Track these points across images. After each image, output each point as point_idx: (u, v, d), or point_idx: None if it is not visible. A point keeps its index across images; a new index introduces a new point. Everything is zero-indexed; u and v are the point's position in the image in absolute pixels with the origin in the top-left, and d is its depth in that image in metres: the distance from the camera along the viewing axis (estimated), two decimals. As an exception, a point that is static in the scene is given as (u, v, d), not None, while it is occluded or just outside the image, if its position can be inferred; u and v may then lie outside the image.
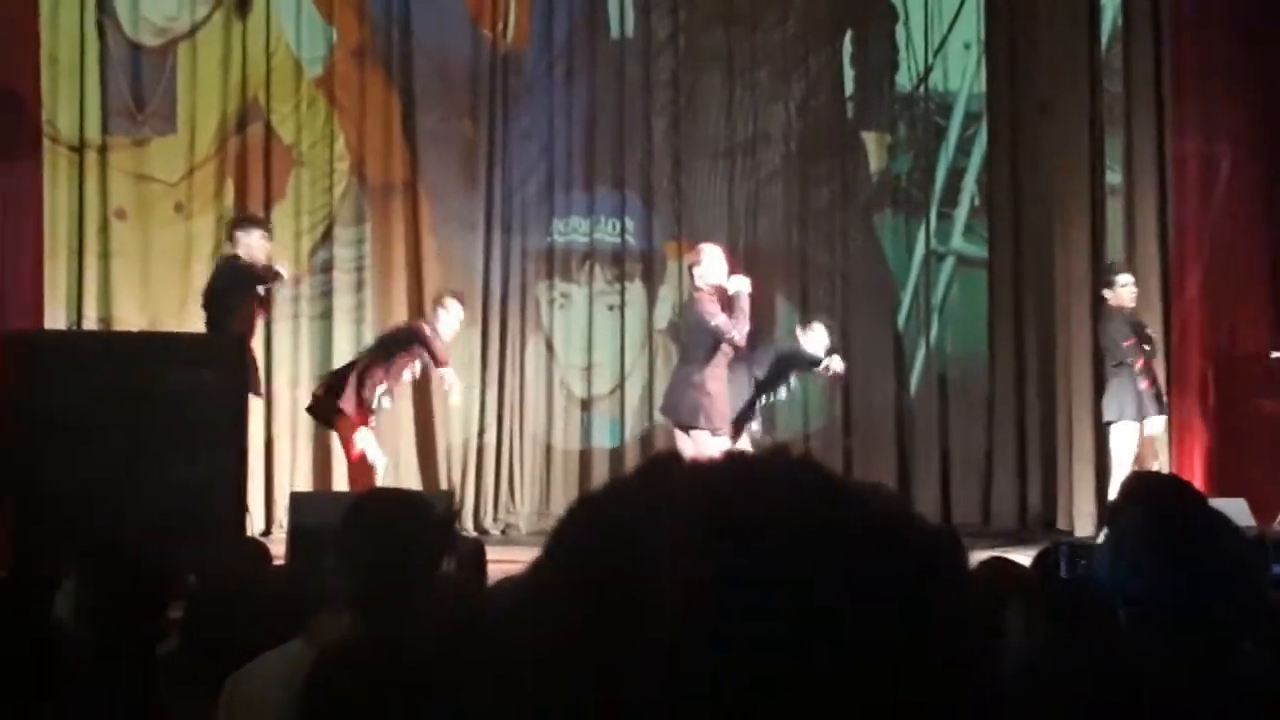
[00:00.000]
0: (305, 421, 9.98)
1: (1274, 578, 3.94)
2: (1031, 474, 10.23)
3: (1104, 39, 10.29)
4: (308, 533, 6.38)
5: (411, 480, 9.80)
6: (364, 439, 8.50)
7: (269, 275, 8.48)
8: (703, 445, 8.17)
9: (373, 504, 3.30)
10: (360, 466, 8.48)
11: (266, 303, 8.68)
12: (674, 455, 0.92)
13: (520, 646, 0.84)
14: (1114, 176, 10.10)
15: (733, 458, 0.89)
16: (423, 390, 10.15)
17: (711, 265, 8.36)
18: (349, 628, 3.17)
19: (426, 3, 10.44)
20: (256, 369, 8.65)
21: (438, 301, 8.97)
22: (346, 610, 3.18)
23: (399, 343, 8.71)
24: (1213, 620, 3.13)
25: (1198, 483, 8.70)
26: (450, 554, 4.17)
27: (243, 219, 9.12)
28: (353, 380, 8.50)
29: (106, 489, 6.76)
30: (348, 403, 8.45)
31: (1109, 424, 8.96)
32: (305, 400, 10.07)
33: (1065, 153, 10.05)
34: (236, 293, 8.43)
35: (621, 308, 10.56)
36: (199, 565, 4.56)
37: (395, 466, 9.82)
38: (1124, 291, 8.95)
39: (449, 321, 8.81)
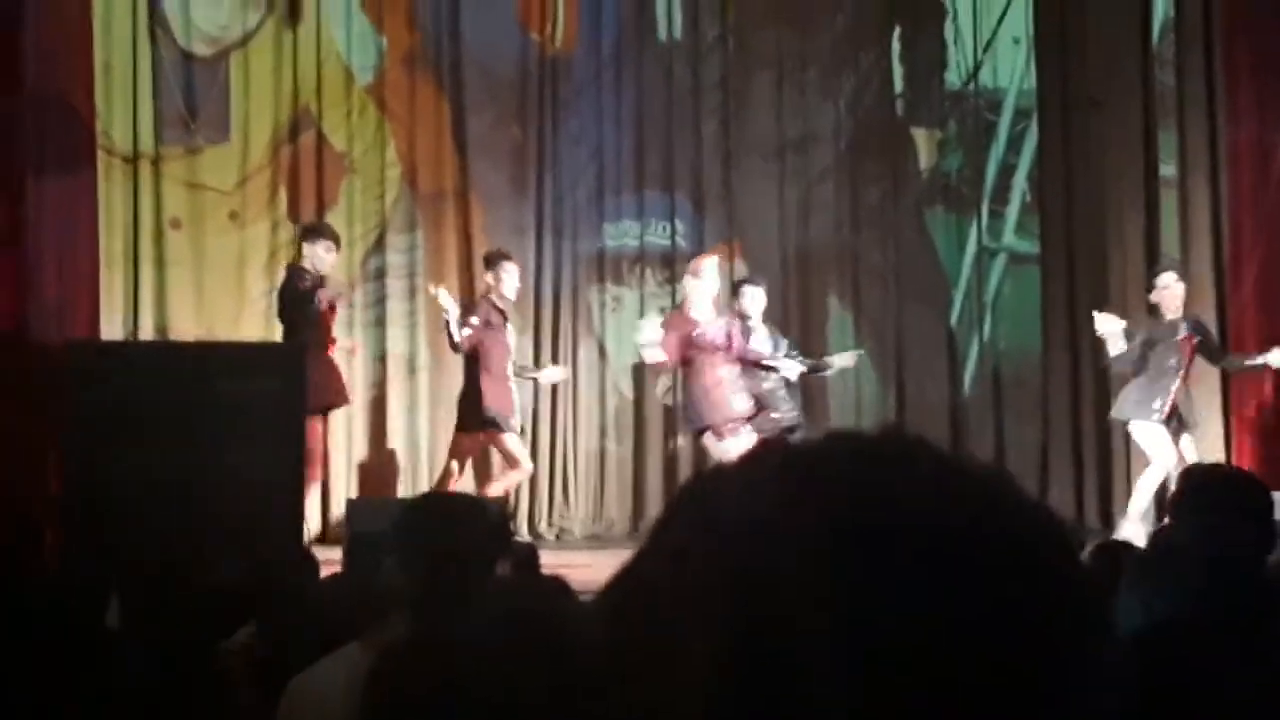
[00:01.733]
0: (360, 428, 10.06)
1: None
2: (1088, 470, 10.18)
3: (1155, 31, 10.23)
4: (365, 539, 6.41)
5: (466, 484, 9.82)
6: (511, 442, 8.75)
7: (323, 297, 8.57)
8: (717, 446, 8.34)
9: (427, 509, 3.32)
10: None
11: (331, 312, 8.77)
12: (779, 444, 0.91)
13: (633, 652, 0.82)
14: (1167, 170, 10.05)
15: (845, 444, 0.87)
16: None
17: (713, 277, 8.65)
18: (406, 631, 3.18)
19: (475, 9, 10.47)
20: (338, 376, 8.75)
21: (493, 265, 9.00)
22: (403, 614, 3.21)
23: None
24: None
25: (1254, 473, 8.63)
26: (504, 558, 4.19)
27: (309, 228, 9.21)
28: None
29: (165, 497, 6.82)
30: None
31: (1125, 423, 8.86)
32: (360, 408, 10.14)
33: (1117, 147, 10.00)
34: (301, 302, 8.52)
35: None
36: (257, 573, 4.59)
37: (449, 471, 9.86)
38: (1165, 294, 8.81)
39: (510, 283, 8.91)
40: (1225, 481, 4.02)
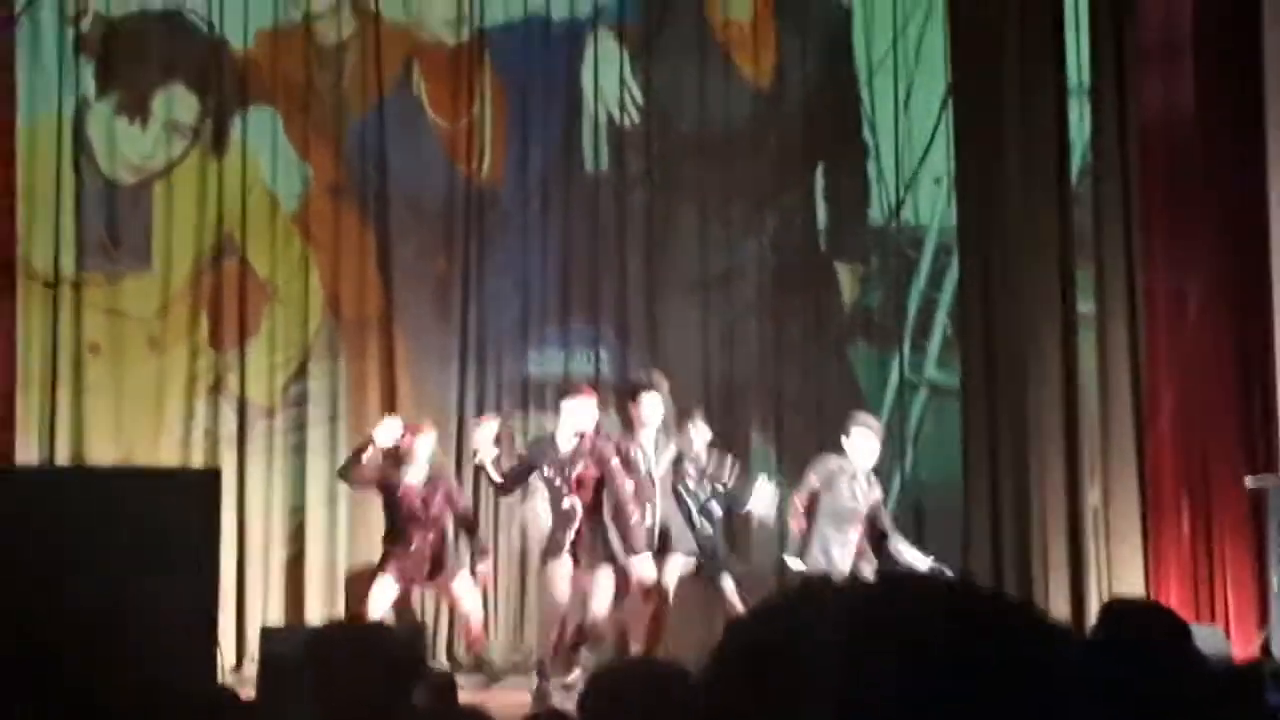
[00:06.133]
0: (279, 555, 9.97)
1: (1268, 707, 3.90)
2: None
3: (1074, 171, 10.40)
4: (278, 667, 6.32)
5: (385, 614, 9.72)
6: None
7: None
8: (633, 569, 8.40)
9: (335, 636, 3.27)
10: None
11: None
12: (825, 579, 1.01)
13: None
14: (1085, 307, 10.17)
15: (884, 582, 0.98)
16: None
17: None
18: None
19: (402, 139, 10.54)
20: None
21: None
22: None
23: None
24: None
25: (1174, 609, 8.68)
26: (418, 687, 4.13)
27: None
28: None
29: (77, 626, 6.68)
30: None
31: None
32: (279, 534, 10.05)
33: (1036, 284, 10.12)
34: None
35: (597, 440, 10.55)
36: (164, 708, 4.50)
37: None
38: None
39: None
40: (1145, 613, 4.02)
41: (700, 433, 9.04)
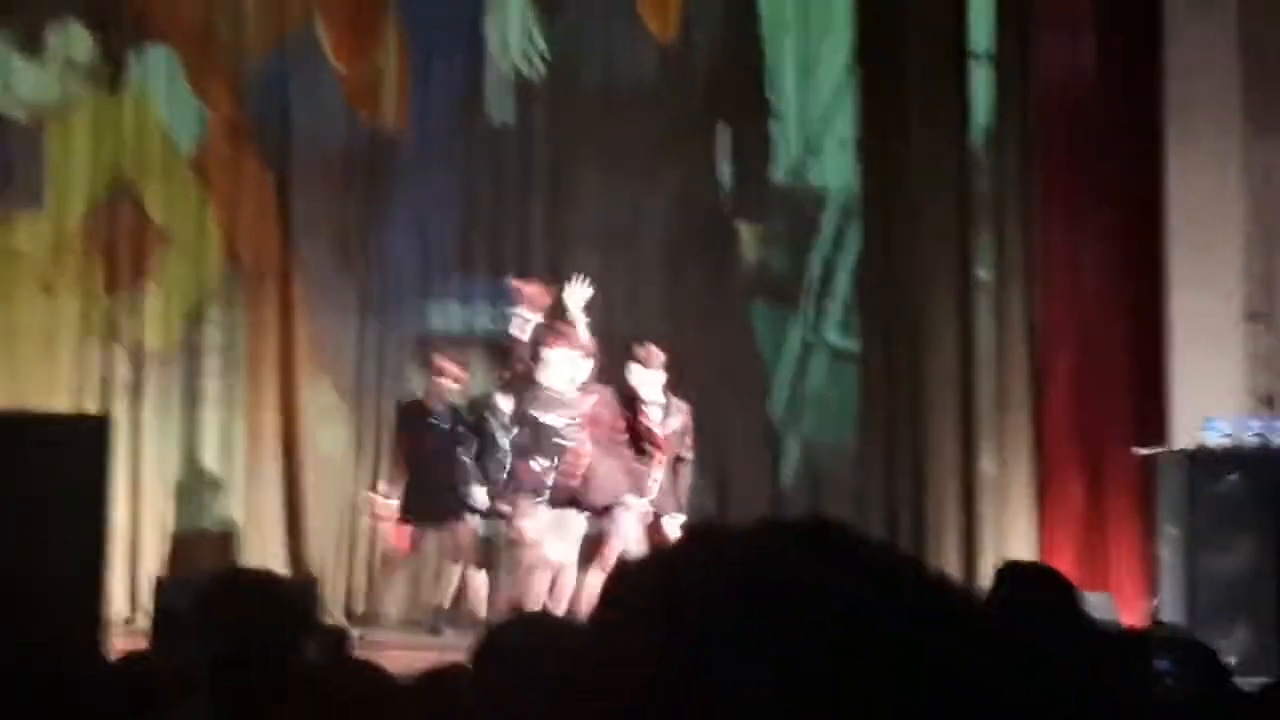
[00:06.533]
0: (172, 505, 9.88)
1: (1154, 673, 3.96)
2: (901, 561, 10.27)
3: (975, 137, 10.47)
4: (171, 618, 6.26)
5: (280, 566, 9.65)
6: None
7: None
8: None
9: (222, 587, 3.22)
10: None
11: None
12: (716, 525, 1.00)
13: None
14: (984, 273, 10.25)
15: (770, 530, 0.96)
16: (291, 475, 10.05)
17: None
18: (206, 715, 3.09)
19: (303, 84, 10.41)
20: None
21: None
22: (202, 696, 3.11)
23: None
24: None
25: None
26: (309, 638, 4.09)
27: None
28: None
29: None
30: None
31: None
32: (173, 484, 9.94)
33: (935, 249, 10.19)
34: None
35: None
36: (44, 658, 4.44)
37: (263, 552, 9.71)
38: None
39: None
40: (1037, 575, 4.06)
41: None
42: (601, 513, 8.58)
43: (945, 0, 10.37)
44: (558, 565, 8.48)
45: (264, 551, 9.78)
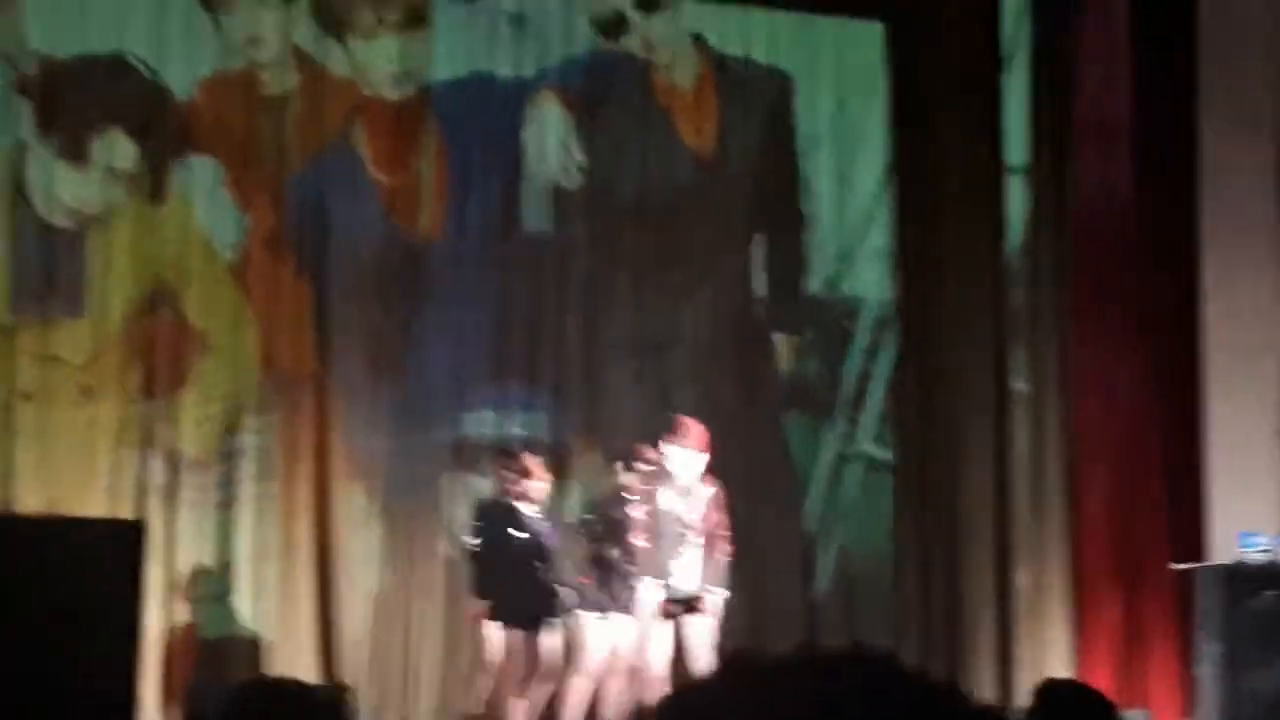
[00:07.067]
0: (204, 612, 9.86)
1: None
2: (936, 676, 10.17)
3: (1011, 250, 10.49)
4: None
5: (312, 674, 9.62)
6: None
7: None
8: None
9: (253, 696, 3.21)
10: None
11: None
12: (752, 654, 1.00)
13: None
14: (1020, 384, 10.24)
15: (808, 662, 0.97)
16: (324, 582, 10.04)
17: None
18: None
19: (341, 193, 10.49)
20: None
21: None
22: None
23: None
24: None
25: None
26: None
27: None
28: None
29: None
30: None
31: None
32: (206, 589, 9.93)
33: (971, 360, 10.20)
34: None
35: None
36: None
37: (295, 659, 9.69)
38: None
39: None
40: (1076, 693, 4.03)
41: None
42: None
43: (981, 113, 10.44)
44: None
45: (296, 658, 9.74)
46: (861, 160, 11.10)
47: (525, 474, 9.30)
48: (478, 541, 9.27)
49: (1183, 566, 9.12)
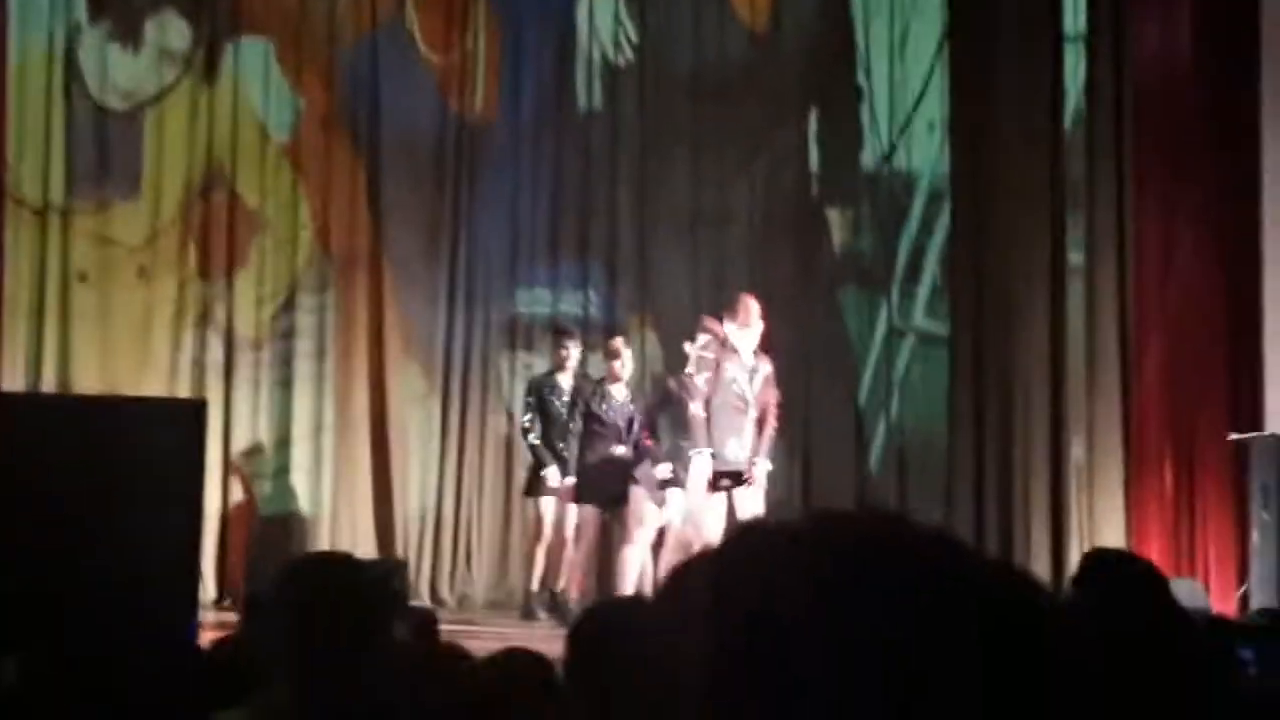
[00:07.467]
0: (262, 489, 10.00)
1: (1238, 660, 3.93)
2: (989, 550, 10.21)
3: (1067, 120, 10.38)
4: (262, 601, 6.32)
5: (369, 549, 9.76)
6: None
7: None
8: None
9: (307, 570, 3.25)
10: None
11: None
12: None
13: None
14: (1075, 257, 10.17)
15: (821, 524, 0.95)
16: (380, 458, 10.15)
17: None
18: (289, 698, 3.12)
19: (394, 73, 10.48)
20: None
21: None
22: (286, 681, 3.14)
23: None
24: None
25: (1155, 562, 8.71)
26: (397, 621, 4.12)
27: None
28: None
29: (60, 553, 6.68)
30: None
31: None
32: (264, 467, 10.07)
33: (1026, 233, 10.12)
34: None
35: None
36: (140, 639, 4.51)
37: (353, 534, 9.84)
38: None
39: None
40: (1123, 563, 4.04)
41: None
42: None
43: (1037, -19, 10.28)
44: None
45: (353, 533, 9.89)
46: (916, 32, 10.97)
47: (612, 355, 9.32)
48: (549, 421, 9.33)
49: (1239, 437, 9.08)
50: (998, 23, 10.32)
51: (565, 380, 9.43)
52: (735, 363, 8.68)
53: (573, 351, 9.48)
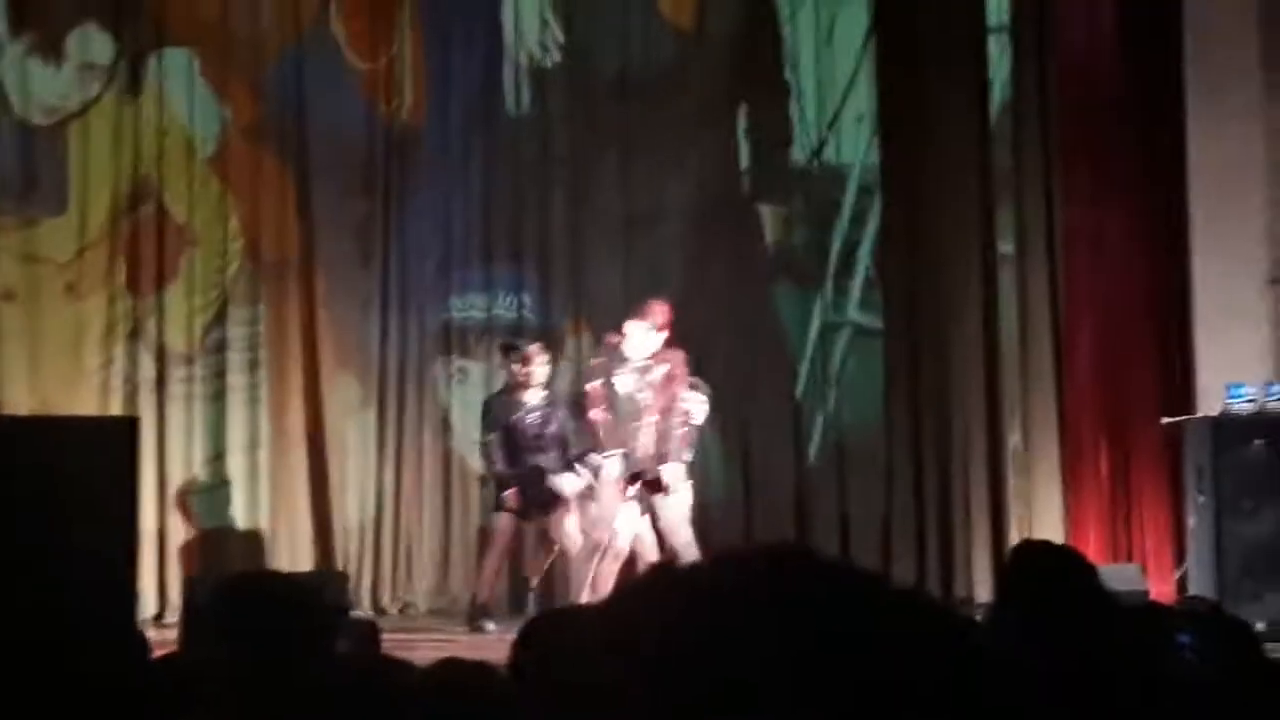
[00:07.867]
0: (199, 504, 9.94)
1: (1176, 644, 3.96)
2: (929, 540, 10.26)
3: (994, 110, 10.44)
4: (202, 616, 6.28)
5: (308, 561, 9.71)
6: None
7: None
8: None
9: (249, 584, 3.25)
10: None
11: None
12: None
13: None
14: (1006, 246, 10.23)
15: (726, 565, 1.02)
16: (318, 469, 10.10)
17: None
18: (233, 713, 3.11)
19: (321, 81, 10.43)
20: None
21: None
22: (229, 695, 3.13)
23: None
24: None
25: (1091, 549, 8.80)
26: (339, 635, 4.11)
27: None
28: None
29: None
30: None
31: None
32: (200, 482, 10.01)
33: (956, 224, 10.17)
34: None
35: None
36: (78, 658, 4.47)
37: (292, 547, 9.80)
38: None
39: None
40: (1053, 555, 4.06)
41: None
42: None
43: (960, -29, 10.34)
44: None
45: (293, 546, 9.85)
46: (843, 24, 11.00)
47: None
48: (491, 435, 9.32)
49: (1172, 420, 9.17)
50: (923, 14, 10.36)
51: (534, 397, 9.37)
52: (626, 368, 8.77)
53: (537, 369, 9.39)
